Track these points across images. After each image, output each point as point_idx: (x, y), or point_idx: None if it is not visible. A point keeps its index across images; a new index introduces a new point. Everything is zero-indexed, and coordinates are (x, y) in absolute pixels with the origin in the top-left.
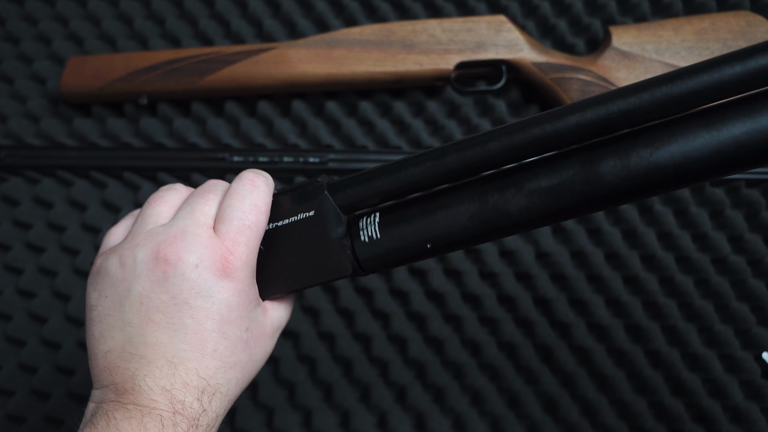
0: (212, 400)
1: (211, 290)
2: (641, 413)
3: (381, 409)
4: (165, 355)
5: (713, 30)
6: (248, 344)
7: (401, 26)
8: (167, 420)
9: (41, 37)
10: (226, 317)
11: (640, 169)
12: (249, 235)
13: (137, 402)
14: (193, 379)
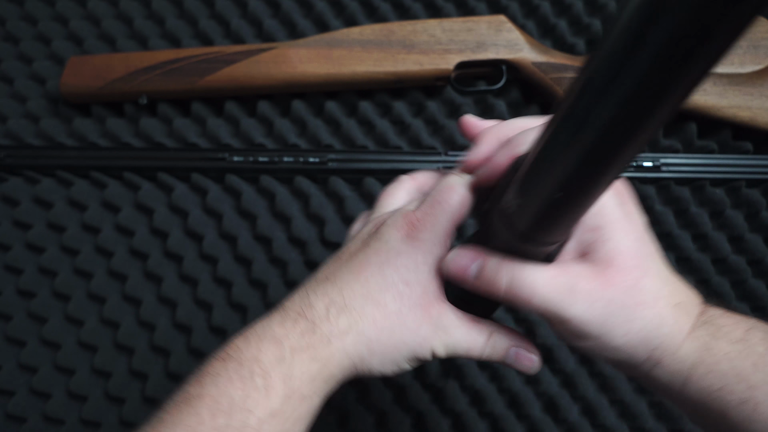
0: (339, 317)
1: (389, 238)
2: (641, 413)
3: (381, 409)
4: (325, 272)
5: None
6: (402, 299)
7: (401, 26)
8: (291, 313)
9: (41, 37)
10: (391, 260)
11: None
12: (439, 209)
13: (283, 303)
14: (333, 292)
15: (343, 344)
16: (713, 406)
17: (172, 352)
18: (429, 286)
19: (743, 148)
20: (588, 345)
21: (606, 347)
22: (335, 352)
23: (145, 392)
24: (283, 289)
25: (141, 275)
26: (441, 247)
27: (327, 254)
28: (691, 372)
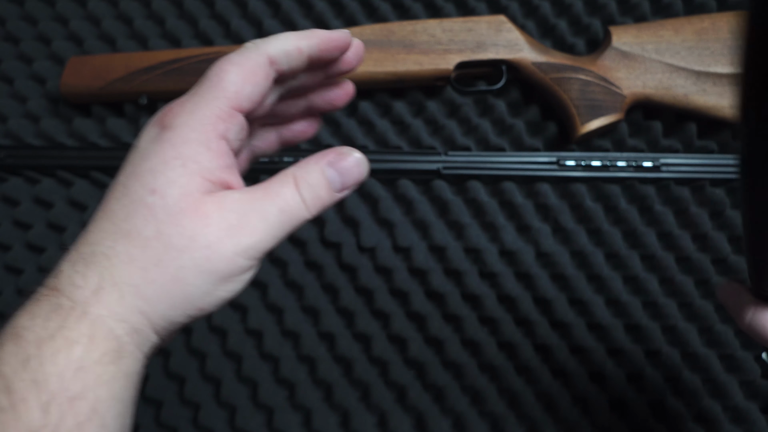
0: (88, 273)
1: (140, 140)
2: (642, 413)
3: (381, 409)
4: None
5: (713, 30)
6: (156, 214)
7: (401, 26)
8: (42, 292)
9: (41, 37)
10: (136, 169)
11: None
12: (205, 88)
13: None
14: (80, 241)
15: (103, 307)
16: None
17: (172, 352)
18: (190, 182)
19: None
20: None
21: None
22: (96, 322)
23: (145, 392)
24: (283, 289)
25: None
26: (204, 133)
27: (327, 254)
28: None
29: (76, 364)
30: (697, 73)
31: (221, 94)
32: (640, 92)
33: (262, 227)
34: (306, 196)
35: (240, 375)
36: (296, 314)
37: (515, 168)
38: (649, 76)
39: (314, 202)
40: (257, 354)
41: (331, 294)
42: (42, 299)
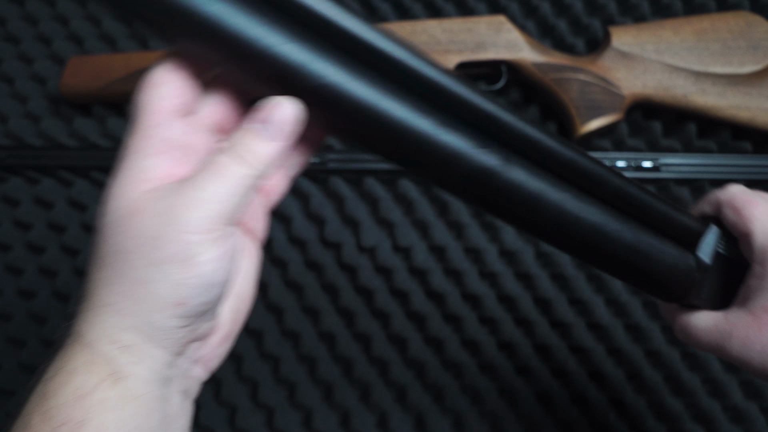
0: (81, 303)
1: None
2: (641, 413)
3: (381, 409)
4: None
5: (713, 30)
6: (107, 233)
7: (401, 26)
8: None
9: (41, 38)
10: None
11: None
12: (136, 111)
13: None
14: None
15: (93, 332)
16: None
17: None
18: (132, 189)
19: (742, 148)
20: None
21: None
22: (92, 349)
23: None
24: (283, 289)
25: None
26: (143, 138)
27: (327, 254)
28: None
29: (76, 393)
30: (697, 73)
31: (146, 111)
32: (640, 92)
33: (201, 197)
34: (240, 153)
35: (240, 375)
36: (296, 314)
37: None
38: (648, 76)
39: (251, 156)
40: (257, 354)
41: (331, 294)
42: (58, 338)
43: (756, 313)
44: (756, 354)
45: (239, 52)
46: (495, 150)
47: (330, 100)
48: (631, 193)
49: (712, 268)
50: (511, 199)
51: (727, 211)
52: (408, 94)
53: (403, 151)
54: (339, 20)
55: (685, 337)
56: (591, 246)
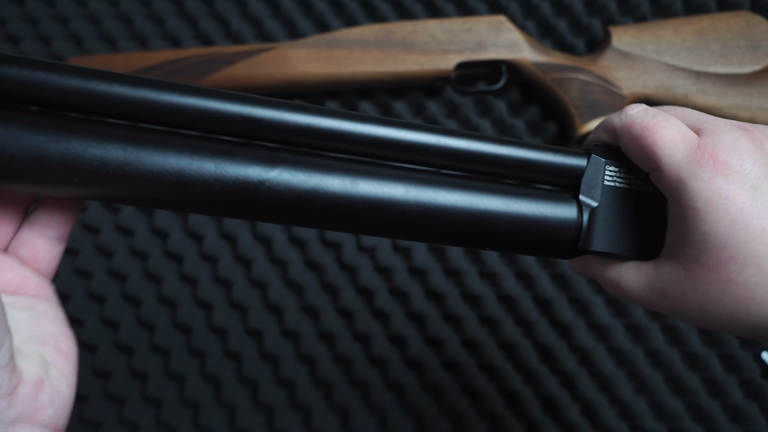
0: None
1: None
2: (641, 413)
3: (381, 409)
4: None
5: (713, 30)
6: None
7: (401, 26)
8: None
9: (41, 38)
10: None
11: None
12: None
13: None
14: None
15: None
16: None
17: (172, 352)
18: None
19: None
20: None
21: (727, 333)
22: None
23: (145, 392)
24: (283, 289)
25: (141, 275)
26: None
27: (327, 254)
28: None
29: None
30: (697, 73)
31: None
32: (640, 92)
33: None
34: None
35: (240, 375)
36: (296, 314)
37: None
38: (648, 76)
39: None
40: (257, 354)
41: (331, 294)
42: None
43: (686, 265)
44: (695, 312)
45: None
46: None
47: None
48: (474, 152)
49: (600, 208)
50: (285, 207)
51: (626, 141)
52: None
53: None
54: None
55: (616, 295)
56: (430, 229)
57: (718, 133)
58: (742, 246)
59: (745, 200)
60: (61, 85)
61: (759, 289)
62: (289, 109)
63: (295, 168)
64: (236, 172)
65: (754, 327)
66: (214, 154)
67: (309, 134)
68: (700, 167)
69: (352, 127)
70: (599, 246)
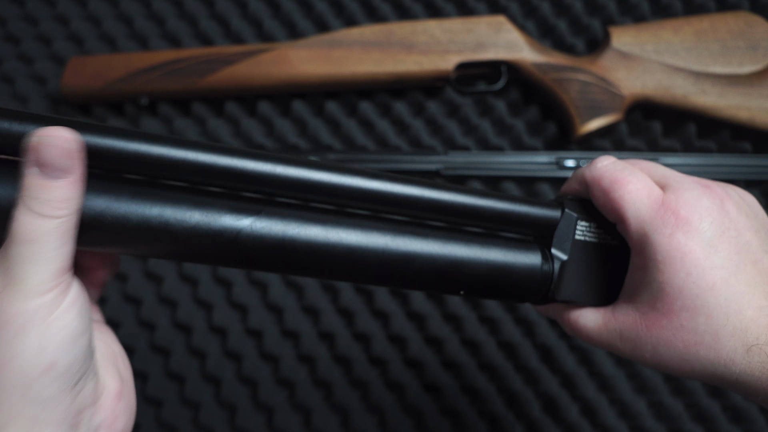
0: None
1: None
2: (641, 413)
3: (381, 409)
4: None
5: (712, 30)
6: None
7: (401, 27)
8: None
9: (42, 38)
10: None
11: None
12: None
13: None
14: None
15: None
16: None
17: (172, 352)
18: None
19: (742, 148)
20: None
21: (676, 375)
22: None
23: (145, 392)
24: (283, 288)
25: (141, 275)
26: None
27: None
28: None
29: None
30: (696, 73)
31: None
32: (640, 92)
33: (24, 270)
34: (37, 210)
35: (240, 375)
36: (296, 314)
37: (515, 168)
38: (648, 76)
39: (44, 206)
40: (257, 354)
41: (331, 294)
42: None
43: (642, 309)
44: (648, 354)
45: None
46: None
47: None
48: (455, 204)
49: (569, 261)
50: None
51: (595, 192)
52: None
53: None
54: None
55: (575, 336)
56: (400, 277)
57: (681, 191)
58: (694, 297)
59: (700, 256)
60: None
61: (707, 336)
62: (275, 162)
63: (274, 217)
64: (216, 222)
65: (702, 370)
66: (195, 205)
67: (295, 186)
68: (663, 223)
69: (338, 180)
70: (566, 295)
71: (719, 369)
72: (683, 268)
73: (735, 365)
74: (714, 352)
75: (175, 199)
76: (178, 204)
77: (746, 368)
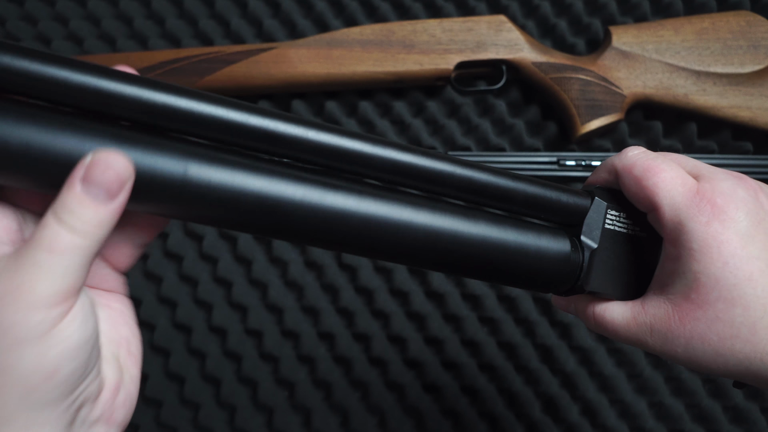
0: None
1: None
2: (641, 413)
3: (381, 409)
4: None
5: (713, 30)
6: None
7: (401, 26)
8: None
9: (41, 37)
10: None
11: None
12: None
13: None
14: None
15: None
16: None
17: (172, 352)
18: None
19: (743, 148)
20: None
21: (707, 373)
22: None
23: (144, 392)
24: (283, 289)
25: (141, 275)
26: None
27: (327, 254)
28: None
29: None
30: (697, 72)
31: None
32: (641, 92)
33: (35, 278)
34: (69, 223)
35: (240, 375)
36: (296, 314)
37: (515, 168)
38: (649, 76)
39: (84, 226)
40: (257, 354)
41: (331, 294)
42: None
43: (675, 301)
44: (680, 348)
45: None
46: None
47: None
48: (488, 185)
49: (599, 250)
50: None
51: (626, 181)
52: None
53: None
54: None
55: (601, 332)
56: (428, 256)
57: (717, 181)
58: (731, 287)
59: (737, 246)
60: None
61: (744, 328)
62: (309, 127)
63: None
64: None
65: (736, 364)
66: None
67: (338, 156)
68: (699, 211)
69: (378, 151)
70: (595, 286)
71: (755, 364)
72: (720, 257)
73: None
74: (750, 345)
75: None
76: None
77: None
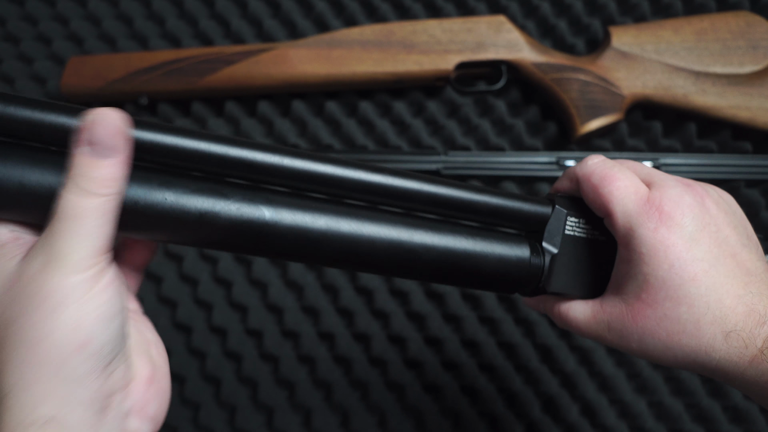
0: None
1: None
2: (641, 413)
3: (381, 409)
4: None
5: (713, 30)
6: None
7: (401, 26)
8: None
9: (41, 37)
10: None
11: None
12: None
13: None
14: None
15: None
16: None
17: (172, 352)
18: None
19: (742, 148)
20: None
21: (661, 364)
22: None
23: None
24: (283, 289)
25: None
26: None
27: None
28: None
29: None
30: (697, 73)
31: None
32: (640, 92)
33: (67, 245)
34: (88, 188)
35: (240, 375)
36: (296, 314)
37: (515, 168)
38: (648, 76)
39: (91, 184)
40: (257, 354)
41: (331, 294)
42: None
43: (628, 301)
44: (634, 343)
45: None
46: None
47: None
48: (445, 198)
49: (560, 255)
50: (286, 244)
51: (585, 189)
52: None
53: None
54: None
55: (566, 327)
56: (395, 265)
57: (666, 188)
58: (676, 287)
59: (682, 249)
60: None
61: (689, 324)
62: (284, 155)
63: (294, 209)
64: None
65: (684, 357)
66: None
67: (304, 178)
68: (648, 217)
69: (349, 174)
70: (556, 287)
71: (700, 356)
72: (666, 260)
73: (715, 352)
74: (695, 339)
75: (210, 190)
76: (213, 194)
77: (725, 354)
